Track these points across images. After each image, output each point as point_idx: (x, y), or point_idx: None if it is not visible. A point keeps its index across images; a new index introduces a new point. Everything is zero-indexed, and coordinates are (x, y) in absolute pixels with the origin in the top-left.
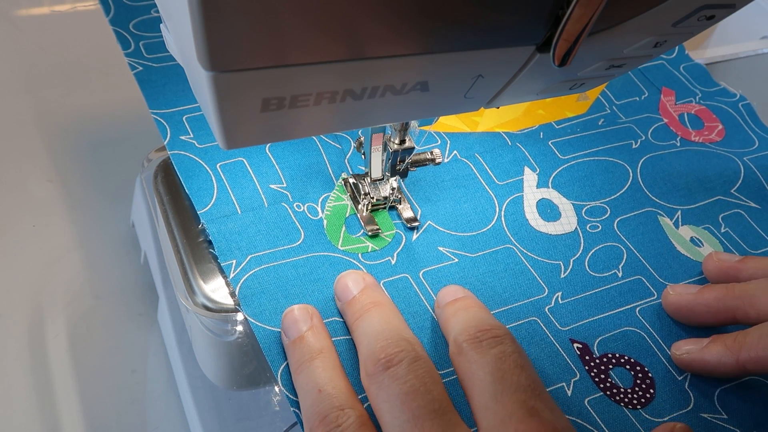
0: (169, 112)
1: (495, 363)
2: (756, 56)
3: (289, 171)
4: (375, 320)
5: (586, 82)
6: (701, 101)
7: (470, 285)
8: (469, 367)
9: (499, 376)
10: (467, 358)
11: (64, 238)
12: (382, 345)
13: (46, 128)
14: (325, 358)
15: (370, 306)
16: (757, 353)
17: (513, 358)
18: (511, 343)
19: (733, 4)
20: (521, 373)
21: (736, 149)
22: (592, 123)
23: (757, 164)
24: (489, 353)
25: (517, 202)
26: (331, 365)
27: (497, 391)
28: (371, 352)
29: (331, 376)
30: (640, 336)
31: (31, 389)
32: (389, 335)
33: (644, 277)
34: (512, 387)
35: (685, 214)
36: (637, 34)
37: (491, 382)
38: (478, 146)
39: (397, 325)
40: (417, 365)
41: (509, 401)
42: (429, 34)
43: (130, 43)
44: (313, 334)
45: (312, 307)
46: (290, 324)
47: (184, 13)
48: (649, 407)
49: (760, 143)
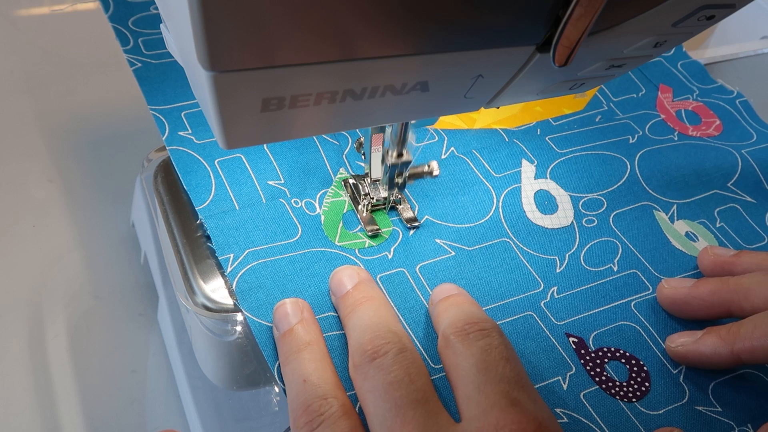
0: (167, 108)
1: (480, 355)
2: (756, 56)
3: (286, 167)
4: (365, 314)
5: (586, 82)
6: (698, 98)
7: (466, 279)
8: (454, 359)
9: (484, 367)
10: (453, 350)
11: (64, 238)
12: (370, 337)
13: (46, 128)
14: (313, 350)
15: (362, 300)
16: (752, 343)
17: (498, 350)
18: (497, 336)
19: (733, 4)
20: (506, 365)
21: (734, 142)
22: (589, 119)
23: (754, 157)
24: (475, 345)
25: (515, 193)
26: (318, 357)
27: (480, 381)
28: (359, 344)
29: (317, 368)
30: (636, 330)
31: (31, 389)
32: (377, 328)
33: (639, 271)
34: (496, 378)
35: (681, 209)
36: (637, 34)
37: (475, 373)
38: (475, 143)
39: (387, 319)
40: (402, 356)
41: (492, 392)
42: (429, 34)
43: (129, 39)
44: (303, 327)
45: (303, 301)
46: (281, 317)
47: (184, 13)
48: (645, 400)
49: (758, 137)
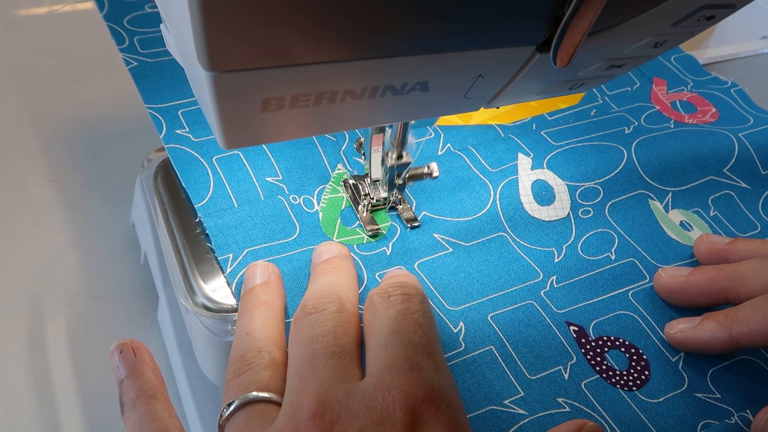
0: (164, 106)
1: (396, 318)
2: (756, 56)
3: (284, 163)
4: (324, 279)
5: (586, 82)
6: (693, 90)
7: (466, 273)
8: (372, 319)
9: (395, 330)
10: (373, 309)
11: (64, 238)
12: (317, 296)
13: (46, 128)
14: (267, 309)
15: (329, 270)
16: (749, 327)
17: (415, 317)
18: (419, 303)
19: (733, 4)
20: (417, 331)
21: (731, 126)
22: (584, 113)
23: (751, 141)
24: (394, 308)
25: (512, 185)
26: (269, 315)
27: (389, 343)
28: (304, 302)
29: (263, 324)
30: (634, 319)
31: (31, 389)
32: (328, 291)
33: (636, 259)
34: (404, 342)
35: (676, 197)
36: (637, 34)
37: (386, 335)
38: (471, 138)
39: (341, 286)
40: (337, 315)
41: (396, 354)
42: (429, 34)
43: (125, 38)
44: (264, 288)
45: (274, 265)
46: (249, 277)
47: (184, 13)
48: (645, 389)
49: (755, 120)
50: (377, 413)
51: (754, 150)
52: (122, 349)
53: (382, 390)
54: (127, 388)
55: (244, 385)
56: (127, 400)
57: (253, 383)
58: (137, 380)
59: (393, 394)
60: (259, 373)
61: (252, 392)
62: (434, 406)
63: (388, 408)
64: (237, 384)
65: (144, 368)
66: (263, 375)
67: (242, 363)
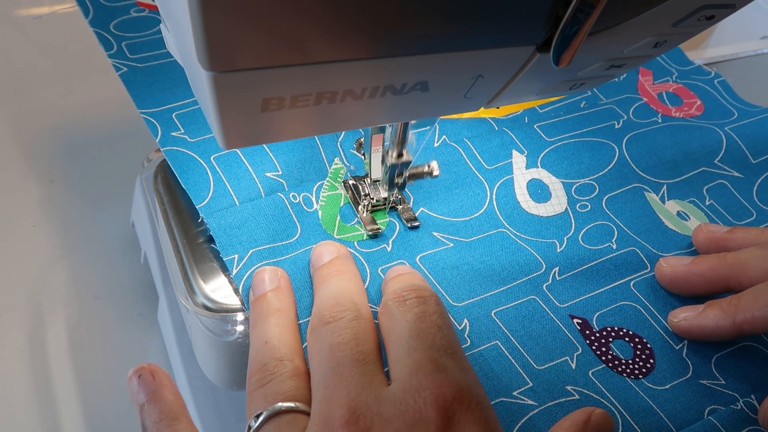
0: (158, 110)
1: (414, 321)
2: (756, 56)
3: (283, 157)
4: (333, 285)
5: (586, 81)
6: (678, 80)
7: (469, 265)
8: (390, 324)
9: (416, 333)
10: (390, 315)
11: (64, 238)
12: (331, 304)
13: (46, 128)
14: (281, 316)
15: (334, 273)
16: (753, 314)
17: (433, 318)
18: (434, 304)
19: (733, 4)
20: (438, 333)
21: (716, 120)
22: (574, 105)
23: (738, 134)
24: (411, 312)
25: (508, 185)
26: (284, 323)
27: (411, 347)
28: (319, 310)
29: (281, 332)
30: (636, 309)
31: (31, 389)
32: (341, 298)
33: (638, 248)
34: (426, 344)
35: (671, 189)
36: (637, 34)
37: (407, 339)
38: (466, 131)
39: (352, 291)
40: (356, 323)
41: (420, 357)
42: (429, 34)
43: (113, 44)
44: (276, 294)
45: (282, 270)
46: (258, 283)
47: (184, 13)
48: (651, 376)
49: (739, 114)
50: (410, 416)
51: (742, 142)
52: (141, 373)
53: (412, 393)
54: (149, 412)
55: (270, 396)
56: (149, 423)
57: (279, 393)
58: (158, 403)
59: (424, 396)
60: (284, 383)
61: (279, 403)
62: (465, 405)
63: (420, 410)
64: (262, 395)
65: (164, 391)
66: (288, 384)
67: (264, 373)
